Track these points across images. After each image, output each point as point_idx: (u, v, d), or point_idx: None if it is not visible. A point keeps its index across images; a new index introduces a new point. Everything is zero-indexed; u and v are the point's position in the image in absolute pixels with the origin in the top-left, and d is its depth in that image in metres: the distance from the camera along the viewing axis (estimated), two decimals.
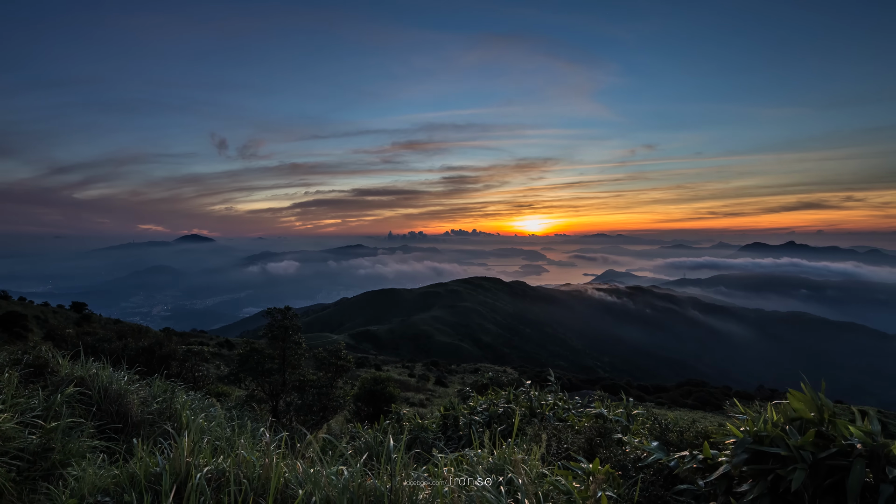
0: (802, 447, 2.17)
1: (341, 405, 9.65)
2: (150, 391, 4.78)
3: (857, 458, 2.06)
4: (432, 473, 2.63)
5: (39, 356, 5.05)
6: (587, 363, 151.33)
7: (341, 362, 9.97)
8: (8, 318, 25.65)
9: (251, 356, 9.45)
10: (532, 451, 3.39)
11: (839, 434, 2.21)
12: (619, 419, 5.21)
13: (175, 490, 2.23)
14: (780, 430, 2.30)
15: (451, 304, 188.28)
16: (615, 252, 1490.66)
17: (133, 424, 4.25)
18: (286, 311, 10.07)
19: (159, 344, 8.61)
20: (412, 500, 2.27)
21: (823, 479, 2.16)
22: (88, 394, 4.23)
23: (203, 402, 5.27)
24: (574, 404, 6.54)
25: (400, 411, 6.51)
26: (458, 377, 48.13)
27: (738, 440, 2.46)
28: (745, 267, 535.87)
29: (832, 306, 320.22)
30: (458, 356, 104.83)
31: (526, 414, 6.02)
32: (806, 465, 2.13)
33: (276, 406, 9.43)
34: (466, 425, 5.93)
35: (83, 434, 3.55)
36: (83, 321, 36.58)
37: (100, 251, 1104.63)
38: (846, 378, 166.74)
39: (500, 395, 6.94)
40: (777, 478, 2.25)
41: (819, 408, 2.30)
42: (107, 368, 4.64)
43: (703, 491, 2.92)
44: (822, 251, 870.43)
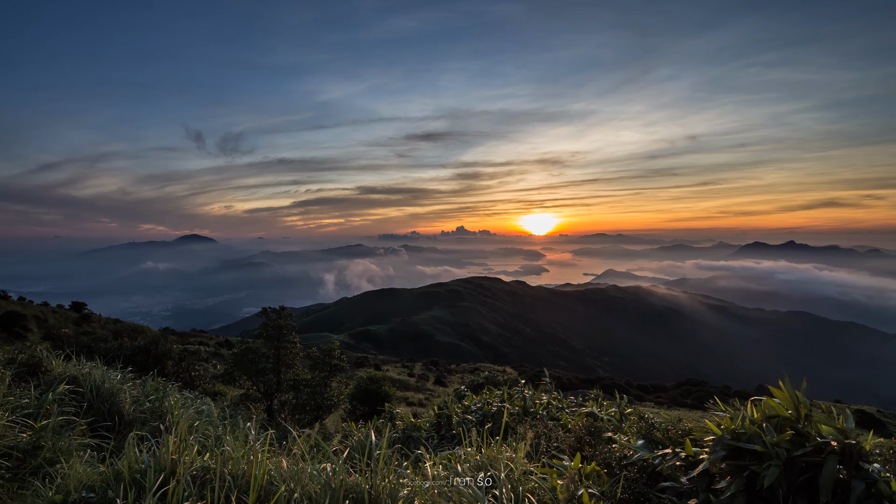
0: (777, 444, 2.20)
1: (335, 404, 9.69)
2: (143, 390, 4.81)
3: (829, 454, 2.09)
4: (416, 471, 2.66)
5: (34, 355, 5.09)
6: (587, 363, 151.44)
7: (335, 362, 10.00)
8: (7, 317, 25.70)
9: (245, 355, 9.49)
10: (519, 448, 3.42)
11: (815, 432, 2.24)
12: (612, 418, 5.25)
13: (160, 486, 2.27)
14: (756, 428, 2.34)
15: (451, 304, 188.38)
16: (615, 252, 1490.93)
17: (125, 423, 4.28)
18: (281, 310, 10.10)
19: (155, 343, 8.65)
20: (393, 496, 2.31)
21: (798, 475, 2.19)
22: (81, 392, 4.27)
23: (196, 401, 5.30)
24: (569, 404, 6.58)
25: (393, 410, 6.54)
26: (458, 377, 48.12)
27: (717, 437, 2.49)
28: (743, 271, 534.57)
29: (832, 306, 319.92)
30: (458, 356, 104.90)
31: (519, 413, 6.07)
32: (780, 462, 2.16)
33: (270, 405, 9.47)
34: (459, 424, 5.96)
35: (74, 432, 3.58)
36: (83, 321, 36.62)
37: (100, 251, 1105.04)
38: (846, 377, 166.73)
39: (495, 394, 6.99)
40: (753, 474, 2.28)
41: (796, 406, 2.33)
42: (100, 367, 4.67)
43: (685, 488, 2.95)
44: (823, 251, 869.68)
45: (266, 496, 2.34)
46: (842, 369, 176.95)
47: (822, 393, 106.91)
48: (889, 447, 2.71)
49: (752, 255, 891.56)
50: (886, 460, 2.51)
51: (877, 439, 8.08)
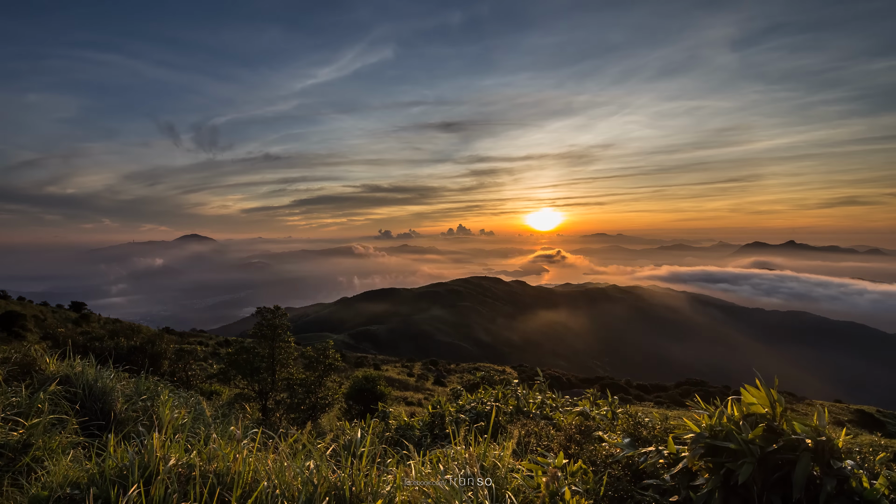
0: (752, 441, 2.23)
1: (330, 403, 9.74)
2: (136, 389, 4.84)
3: (803, 452, 2.12)
4: (400, 469, 2.69)
5: (27, 355, 5.12)
6: (587, 363, 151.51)
7: (329, 361, 10.05)
8: (6, 317, 25.74)
9: (240, 354, 9.53)
10: (505, 447, 3.46)
11: (789, 429, 2.27)
12: (604, 417, 5.29)
13: (144, 483, 2.30)
14: (732, 426, 2.37)
15: (451, 304, 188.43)
16: (615, 252, 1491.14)
17: (117, 421, 4.31)
18: (275, 310, 10.16)
19: (150, 343, 8.69)
20: (374, 493, 2.34)
21: (773, 472, 2.22)
22: (74, 391, 4.30)
23: (189, 401, 5.33)
24: (563, 403, 6.63)
25: (386, 409, 6.57)
26: (457, 377, 48.15)
27: (695, 435, 2.52)
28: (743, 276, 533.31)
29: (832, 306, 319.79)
30: (457, 356, 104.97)
31: (513, 412, 6.11)
32: (754, 459, 2.18)
33: (265, 404, 9.51)
34: (451, 423, 6.00)
35: (65, 430, 3.61)
36: (82, 320, 36.69)
37: (100, 251, 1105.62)
38: (846, 377, 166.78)
39: (490, 393, 7.03)
40: (729, 472, 2.31)
41: (772, 404, 2.35)
42: (92, 366, 4.70)
43: (668, 485, 2.98)
44: (822, 250, 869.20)
45: (250, 493, 2.38)
46: (842, 369, 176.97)
47: (821, 393, 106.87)
48: (870, 445, 2.73)
49: (753, 255, 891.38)
50: (865, 458, 2.54)
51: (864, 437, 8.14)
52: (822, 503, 2.03)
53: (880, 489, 2.00)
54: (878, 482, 2.14)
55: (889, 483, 2.43)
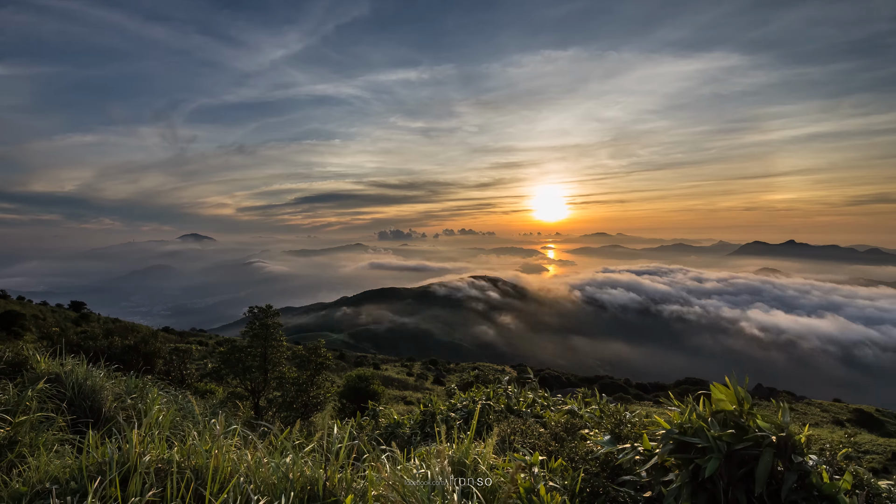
0: (719, 438, 2.28)
1: (322, 402, 9.80)
2: (125, 387, 4.89)
3: (766, 447, 2.16)
4: (375, 466, 2.74)
5: (19, 353, 5.18)
6: (587, 362, 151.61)
7: (320, 359, 10.11)
8: (6, 317, 25.82)
9: (233, 353, 9.59)
10: (487, 444, 3.50)
11: (755, 426, 2.31)
12: (592, 415, 5.34)
13: (123, 478, 2.35)
14: (701, 422, 2.41)
15: (451, 304, 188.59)
16: (615, 251, 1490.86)
17: (105, 419, 4.36)
18: (267, 309, 10.22)
19: (144, 342, 8.75)
20: (347, 488, 2.39)
21: (738, 467, 2.26)
22: (63, 390, 4.34)
23: (179, 399, 5.38)
24: (555, 402, 6.69)
25: (376, 408, 6.63)
26: (457, 376, 48.23)
27: (665, 432, 2.57)
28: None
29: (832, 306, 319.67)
30: (457, 355, 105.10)
31: (504, 410, 6.17)
32: (721, 455, 2.23)
33: (257, 403, 9.57)
34: (442, 421, 6.06)
35: (53, 427, 3.66)
36: (81, 320, 36.79)
37: (100, 250, 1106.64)
38: (847, 377, 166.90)
39: (482, 391, 7.10)
40: (698, 467, 2.36)
41: (739, 401, 2.40)
42: (82, 365, 4.75)
43: (643, 481, 3.03)
44: (822, 250, 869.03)
45: (226, 488, 2.42)
46: (841, 369, 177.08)
47: (821, 392, 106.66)
48: (839, 441, 2.78)
49: (752, 255, 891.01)
50: (832, 454, 2.58)
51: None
52: (784, 497, 2.07)
53: (838, 484, 2.04)
54: (844, 477, 2.19)
55: (856, 479, 2.47)
